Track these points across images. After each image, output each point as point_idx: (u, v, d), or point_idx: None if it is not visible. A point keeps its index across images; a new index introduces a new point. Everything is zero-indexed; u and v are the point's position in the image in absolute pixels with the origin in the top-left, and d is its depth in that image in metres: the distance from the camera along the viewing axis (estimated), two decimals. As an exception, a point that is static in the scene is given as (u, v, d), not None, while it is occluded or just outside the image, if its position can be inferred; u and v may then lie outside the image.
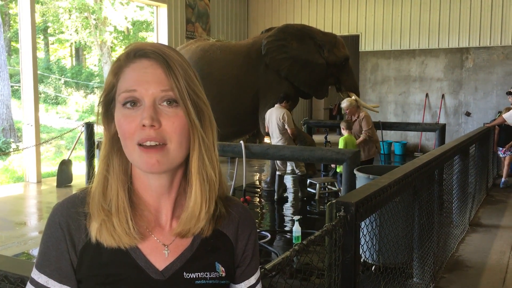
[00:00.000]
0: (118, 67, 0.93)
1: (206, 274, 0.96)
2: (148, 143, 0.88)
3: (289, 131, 7.00)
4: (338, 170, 7.06)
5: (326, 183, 7.99)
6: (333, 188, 7.69)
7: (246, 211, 1.07)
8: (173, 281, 0.94)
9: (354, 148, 6.69)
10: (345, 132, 6.87)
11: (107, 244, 0.91)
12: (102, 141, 0.97)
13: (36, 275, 0.93)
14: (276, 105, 7.18)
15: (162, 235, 0.97)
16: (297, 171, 7.31)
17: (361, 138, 6.98)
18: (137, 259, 0.93)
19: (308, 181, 7.75)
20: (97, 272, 0.92)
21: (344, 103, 7.24)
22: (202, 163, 0.94)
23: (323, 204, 7.16)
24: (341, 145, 6.80)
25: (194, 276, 0.95)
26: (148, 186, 0.96)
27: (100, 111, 0.96)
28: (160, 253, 0.95)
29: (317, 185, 7.42)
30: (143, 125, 0.87)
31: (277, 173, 7.37)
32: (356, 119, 7.18)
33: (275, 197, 7.36)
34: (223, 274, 0.98)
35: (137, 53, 0.92)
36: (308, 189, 7.63)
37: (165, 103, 0.89)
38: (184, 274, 0.95)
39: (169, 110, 0.89)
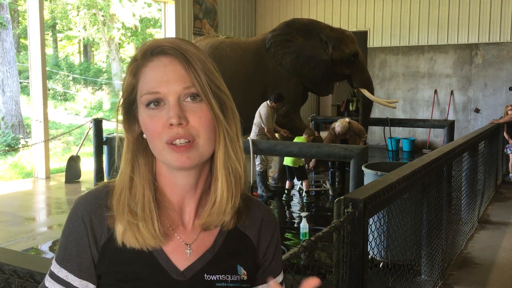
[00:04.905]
0: (136, 67, 0.91)
1: (227, 277, 0.95)
2: (177, 142, 0.87)
3: (265, 129, 7.11)
4: (285, 163, 7.15)
5: (315, 181, 7.93)
6: (325, 186, 7.67)
7: (269, 212, 1.05)
8: (194, 282, 0.93)
9: None
10: (306, 139, 7.01)
11: (131, 245, 0.90)
12: (124, 143, 0.95)
13: (56, 268, 0.93)
14: (266, 102, 7.21)
15: (185, 234, 0.96)
16: (257, 168, 7.31)
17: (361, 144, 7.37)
18: (158, 258, 0.92)
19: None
20: (118, 268, 0.91)
21: (339, 128, 7.40)
22: (228, 157, 0.93)
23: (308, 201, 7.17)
24: None
25: (215, 279, 0.94)
26: (173, 184, 0.95)
27: (121, 114, 0.94)
28: (182, 253, 0.94)
29: (303, 182, 7.38)
30: (171, 124, 0.86)
31: (257, 169, 7.37)
32: (352, 134, 7.58)
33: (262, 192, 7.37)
34: (245, 278, 0.97)
35: (154, 50, 0.90)
36: (301, 185, 7.63)
37: (189, 99, 0.88)
38: (205, 275, 0.93)
39: (194, 106, 0.89)
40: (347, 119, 7.71)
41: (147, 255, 0.91)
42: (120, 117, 0.95)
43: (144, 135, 0.93)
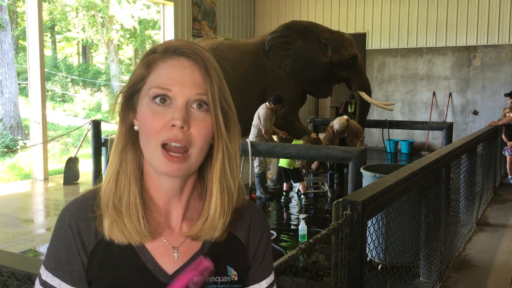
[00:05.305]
0: (153, 60, 0.90)
1: (217, 279, 0.94)
2: (173, 144, 0.86)
3: (262, 131, 7.13)
4: (280, 164, 7.19)
5: (314, 183, 7.92)
6: (323, 188, 7.66)
7: (258, 212, 1.05)
8: None
9: None
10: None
11: (118, 241, 0.90)
12: (117, 133, 0.94)
13: (49, 278, 0.91)
14: (265, 104, 7.22)
15: (172, 237, 0.95)
16: (256, 170, 7.31)
17: (359, 145, 7.48)
18: (146, 262, 0.91)
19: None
20: (106, 274, 0.90)
21: (337, 125, 7.42)
22: (224, 173, 0.93)
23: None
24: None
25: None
26: (159, 186, 0.94)
27: (120, 101, 0.93)
28: (170, 256, 0.93)
29: (300, 184, 7.37)
30: (173, 125, 0.86)
31: (256, 170, 7.36)
32: (350, 132, 7.60)
33: (259, 193, 7.36)
34: (235, 278, 0.96)
35: (177, 50, 0.90)
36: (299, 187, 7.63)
37: (195, 106, 0.88)
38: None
39: (199, 114, 0.88)
40: (345, 117, 7.71)
41: (134, 260, 0.91)
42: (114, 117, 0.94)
43: (135, 127, 0.93)
